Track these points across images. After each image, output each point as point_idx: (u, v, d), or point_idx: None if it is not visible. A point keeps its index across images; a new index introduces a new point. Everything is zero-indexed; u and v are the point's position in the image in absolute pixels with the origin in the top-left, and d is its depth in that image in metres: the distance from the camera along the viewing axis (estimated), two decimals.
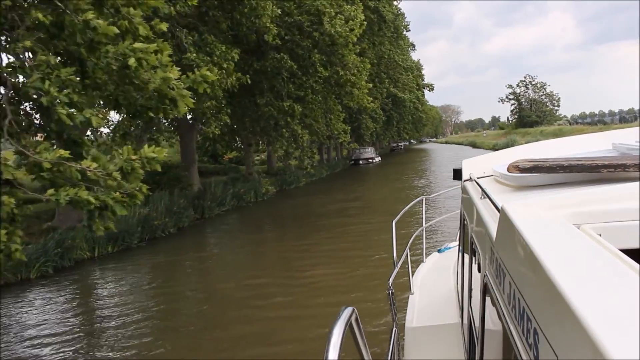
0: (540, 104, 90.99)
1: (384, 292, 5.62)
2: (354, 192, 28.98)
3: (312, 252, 14.04)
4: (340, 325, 1.15)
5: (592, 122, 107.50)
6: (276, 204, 27.02)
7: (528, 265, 1.13)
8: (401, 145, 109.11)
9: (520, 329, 1.14)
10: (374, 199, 26.08)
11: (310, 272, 11.62)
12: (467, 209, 2.88)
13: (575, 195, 1.60)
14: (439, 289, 4.53)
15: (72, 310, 10.74)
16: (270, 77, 17.02)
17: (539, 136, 58.79)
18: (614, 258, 1.05)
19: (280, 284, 11.00)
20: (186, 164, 25.77)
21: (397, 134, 72.97)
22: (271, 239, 17.20)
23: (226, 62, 12.47)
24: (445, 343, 3.54)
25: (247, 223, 21.86)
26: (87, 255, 14.93)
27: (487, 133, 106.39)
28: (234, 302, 10.10)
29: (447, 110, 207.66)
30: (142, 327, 8.93)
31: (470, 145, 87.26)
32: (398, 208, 5.51)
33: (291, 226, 19.76)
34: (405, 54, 52.03)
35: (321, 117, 21.86)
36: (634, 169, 1.77)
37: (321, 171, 43.95)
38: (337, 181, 39.35)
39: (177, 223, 19.35)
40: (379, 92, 42.33)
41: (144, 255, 15.55)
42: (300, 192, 32.41)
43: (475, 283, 2.43)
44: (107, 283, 13.02)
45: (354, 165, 58.33)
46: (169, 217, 18.82)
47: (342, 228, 17.50)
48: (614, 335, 0.69)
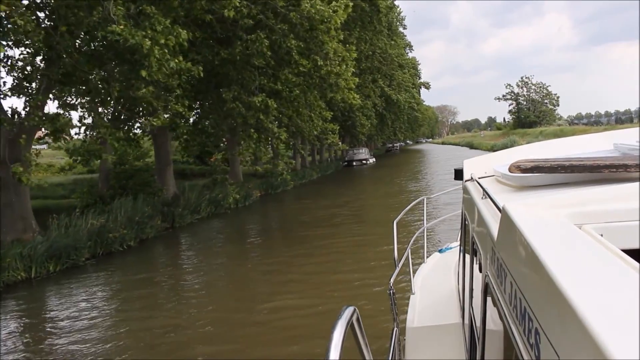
0: (539, 103, 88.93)
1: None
2: (343, 197, 26.80)
3: (283, 274, 11.86)
4: (342, 325, 1.14)
5: (588, 123, 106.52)
6: (257, 211, 24.83)
7: (529, 265, 1.13)
8: (397, 146, 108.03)
9: (521, 329, 1.13)
10: (365, 205, 23.90)
11: (275, 304, 9.43)
12: (469, 209, 2.85)
13: (576, 195, 1.60)
14: (440, 289, 4.53)
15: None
16: (239, 68, 14.71)
17: (540, 137, 56.92)
18: (615, 258, 1.05)
19: (233, 321, 8.76)
20: (160, 166, 23.56)
21: (393, 134, 70.55)
22: (239, 255, 14.93)
23: (165, 38, 10.20)
24: (446, 343, 3.53)
25: (219, 234, 19.53)
26: (22, 277, 12.66)
27: (484, 133, 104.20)
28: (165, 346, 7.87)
29: (443, 110, 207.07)
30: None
31: (467, 146, 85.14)
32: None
33: (267, 238, 17.51)
34: (401, 50, 49.80)
35: (304, 114, 19.46)
36: (635, 169, 1.77)
37: (312, 173, 41.79)
38: (327, 184, 37.16)
39: (140, 234, 17.13)
40: (371, 90, 40.24)
41: (92, 275, 13.30)
42: (287, 197, 30.21)
43: (476, 283, 2.41)
44: (34, 314, 10.75)
45: (348, 166, 56.11)
46: (130, 228, 16.60)
47: (325, 241, 15.33)
48: (615, 335, 0.69)
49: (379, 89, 41.41)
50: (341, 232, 16.46)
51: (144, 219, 17.54)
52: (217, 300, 10.51)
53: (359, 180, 39.42)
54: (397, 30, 53.42)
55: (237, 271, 12.98)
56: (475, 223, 2.38)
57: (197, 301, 10.46)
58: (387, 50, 35.45)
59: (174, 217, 20.00)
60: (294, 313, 8.85)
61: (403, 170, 45.28)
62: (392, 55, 37.64)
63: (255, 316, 8.87)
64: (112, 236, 15.35)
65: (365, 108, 37.38)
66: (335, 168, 52.21)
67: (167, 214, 19.90)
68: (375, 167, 53.68)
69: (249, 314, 8.98)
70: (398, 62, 42.54)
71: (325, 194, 30.18)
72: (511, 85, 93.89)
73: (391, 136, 71.05)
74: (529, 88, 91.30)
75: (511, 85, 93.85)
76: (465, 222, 3.13)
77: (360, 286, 10.05)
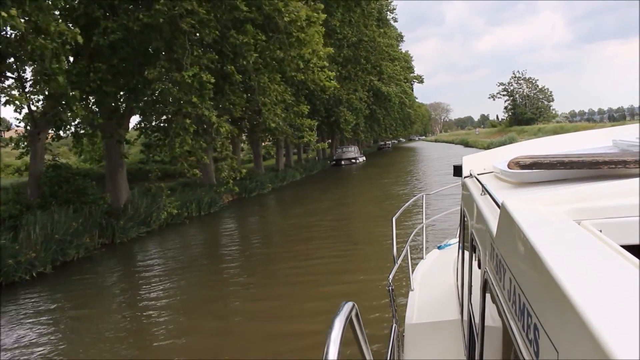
0: (535, 99, 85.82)
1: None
2: (323, 203, 23.42)
3: (217, 317, 8.46)
4: (341, 321, 1.14)
5: (581, 121, 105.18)
6: (222, 221, 21.37)
7: (528, 262, 1.13)
8: (389, 143, 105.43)
9: (520, 325, 1.13)
10: (347, 213, 20.51)
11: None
12: (468, 206, 2.87)
13: (575, 192, 1.61)
14: (439, 285, 4.50)
15: None
16: (166, 37, 10.99)
17: (539, 134, 53.80)
18: (614, 254, 1.05)
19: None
20: (110, 168, 20.07)
21: (384, 132, 66.39)
22: (175, 285, 11.44)
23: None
24: (446, 339, 3.52)
25: (163, 252, 15.80)
26: None
27: (479, 131, 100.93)
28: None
29: (436, 108, 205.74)
30: None
31: (461, 144, 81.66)
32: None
33: (215, 259, 14.00)
34: (391, 40, 46.09)
35: (268, 102, 15.62)
36: (634, 165, 1.79)
37: (294, 174, 38.30)
38: (310, 187, 33.75)
39: (61, 256, 13.66)
40: (358, 83, 36.76)
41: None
42: (261, 202, 26.78)
43: (475, 279, 2.44)
44: None
45: (336, 165, 52.71)
46: (46, 249, 13.14)
47: (289, 265, 12.01)
48: (614, 330, 0.69)
49: (368, 82, 37.76)
50: (312, 251, 13.10)
51: (67, 236, 14.08)
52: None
53: (345, 182, 35.91)
54: (388, 20, 49.84)
55: (168, 314, 9.51)
56: (474, 219, 2.38)
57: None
58: (375, 39, 31.88)
59: (114, 231, 16.56)
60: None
61: (394, 170, 41.87)
62: (381, 45, 33.98)
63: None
64: (12, 263, 11.86)
65: (351, 102, 33.63)
66: (322, 167, 48.76)
67: (107, 227, 16.46)
68: (364, 167, 50.30)
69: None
70: (388, 52, 38.82)
71: (303, 199, 26.78)
72: (504, 83, 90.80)
73: (382, 133, 66.29)
74: (521, 84, 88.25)
75: (504, 84, 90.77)
76: (464, 219, 3.11)
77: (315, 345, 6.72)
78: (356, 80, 35.35)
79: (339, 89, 27.96)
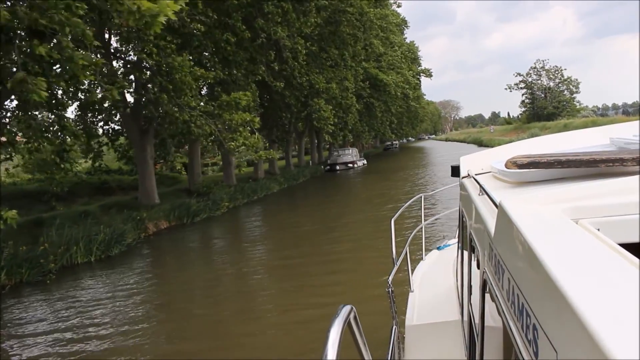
0: (557, 92, 77.38)
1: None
2: (298, 228, 16.01)
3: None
4: (339, 324, 1.12)
5: (617, 114, 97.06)
6: (105, 273, 13.79)
7: (526, 261, 1.12)
8: (395, 143, 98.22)
9: (519, 325, 1.13)
10: (327, 253, 13.01)
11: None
12: (466, 206, 2.88)
13: (573, 190, 1.60)
14: (438, 286, 4.50)
15: None
16: None
17: (563, 130, 46.02)
18: (612, 252, 1.04)
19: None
20: None
21: (384, 129, 57.29)
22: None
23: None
24: (446, 340, 3.53)
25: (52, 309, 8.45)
26: None
27: (493, 129, 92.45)
28: None
29: (446, 106, 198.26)
30: None
31: (474, 143, 73.23)
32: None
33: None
34: (386, 10, 38.08)
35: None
36: (632, 163, 1.78)
37: (270, 185, 30.73)
38: (284, 204, 26.32)
39: None
40: (349, 70, 29.17)
41: None
42: (205, 230, 19.33)
43: (475, 280, 2.43)
44: None
45: (330, 171, 45.13)
46: None
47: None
48: (613, 330, 0.68)
49: (362, 70, 30.07)
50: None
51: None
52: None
53: (334, 197, 28.15)
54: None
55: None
56: (472, 220, 2.39)
57: None
58: (363, 8, 24.16)
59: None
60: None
61: (397, 179, 34.00)
62: (370, 16, 26.14)
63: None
64: None
65: (330, 91, 25.59)
66: (310, 175, 41.02)
67: None
68: (363, 173, 42.64)
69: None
70: (380, 26, 30.78)
71: (266, 226, 19.31)
72: (522, 74, 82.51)
73: (381, 130, 56.32)
74: (542, 75, 79.95)
75: (522, 74, 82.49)
76: (463, 219, 3.15)
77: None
78: (344, 68, 27.80)
79: (314, 75, 20.60)
